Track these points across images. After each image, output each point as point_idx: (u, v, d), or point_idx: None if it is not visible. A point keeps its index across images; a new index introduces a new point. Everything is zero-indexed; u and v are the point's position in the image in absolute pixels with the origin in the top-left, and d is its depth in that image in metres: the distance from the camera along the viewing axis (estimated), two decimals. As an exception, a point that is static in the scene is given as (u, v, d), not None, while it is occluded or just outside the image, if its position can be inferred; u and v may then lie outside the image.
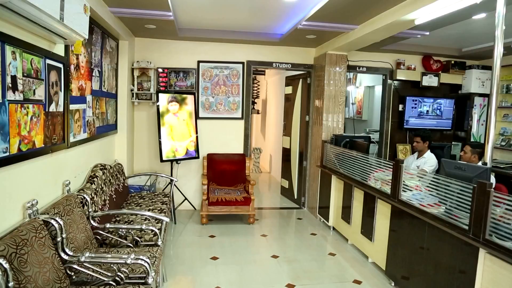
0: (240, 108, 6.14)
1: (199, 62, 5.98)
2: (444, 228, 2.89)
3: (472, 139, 6.33)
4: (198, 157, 5.84)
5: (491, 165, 2.84)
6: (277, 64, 6.16)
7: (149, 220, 3.85)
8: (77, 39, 2.86)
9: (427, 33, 4.90)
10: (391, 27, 4.10)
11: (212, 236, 4.96)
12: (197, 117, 5.90)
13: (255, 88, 11.03)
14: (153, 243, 3.42)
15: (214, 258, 4.25)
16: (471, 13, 4.04)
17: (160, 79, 5.88)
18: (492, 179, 3.84)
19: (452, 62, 6.50)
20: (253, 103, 10.95)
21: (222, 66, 6.06)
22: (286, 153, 7.13)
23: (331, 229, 5.36)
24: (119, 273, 2.57)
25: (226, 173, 5.94)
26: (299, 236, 5.16)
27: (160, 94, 5.41)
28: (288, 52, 6.17)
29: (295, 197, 6.68)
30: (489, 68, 6.39)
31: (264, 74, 10.32)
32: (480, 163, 3.39)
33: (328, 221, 5.39)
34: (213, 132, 6.11)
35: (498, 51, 2.79)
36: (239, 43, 6.01)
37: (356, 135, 5.87)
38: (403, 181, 3.54)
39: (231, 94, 6.10)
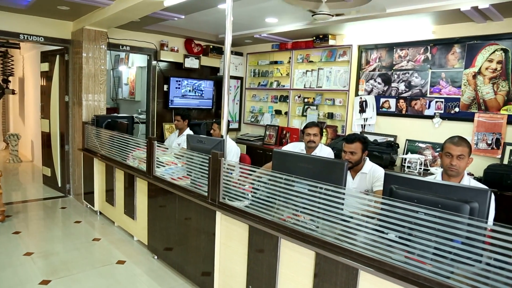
0: (-22, 87, 5.12)
1: None
2: (190, 198, 3.15)
3: (228, 117, 7.09)
4: None
5: (226, 137, 3.22)
6: (26, 36, 5.37)
7: None
8: None
9: (183, 17, 5.16)
10: (143, 6, 4.11)
11: None
12: None
13: (9, 64, 9.42)
14: None
15: None
16: (216, 2, 4.44)
17: None
18: (237, 150, 4.44)
19: (211, 46, 7.08)
20: (7, 81, 9.36)
21: None
22: (46, 138, 6.39)
23: (98, 214, 5.15)
24: None
25: (-37, 165, 4.91)
26: (61, 227, 4.77)
27: None
28: (40, 24, 5.45)
29: (59, 185, 6.11)
30: (241, 54, 7.26)
31: (19, 48, 8.89)
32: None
33: (94, 206, 5.16)
34: None
35: (228, 39, 3.13)
36: (-28, 7, 4.96)
37: (119, 115, 5.76)
38: (157, 158, 3.69)
39: (-37, 70, 5.02)
